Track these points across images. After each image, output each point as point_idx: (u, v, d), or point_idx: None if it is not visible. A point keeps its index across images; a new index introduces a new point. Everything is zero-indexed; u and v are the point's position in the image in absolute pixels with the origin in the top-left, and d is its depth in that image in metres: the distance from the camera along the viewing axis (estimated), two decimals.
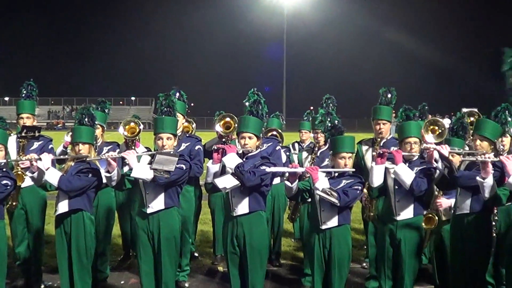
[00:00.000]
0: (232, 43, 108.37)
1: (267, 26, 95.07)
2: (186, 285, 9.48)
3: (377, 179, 7.36)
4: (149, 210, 7.53)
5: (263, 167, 7.22)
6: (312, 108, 9.90)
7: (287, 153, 10.38)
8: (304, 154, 10.01)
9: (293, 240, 12.50)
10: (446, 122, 11.85)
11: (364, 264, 10.47)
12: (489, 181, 6.69)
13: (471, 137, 7.58)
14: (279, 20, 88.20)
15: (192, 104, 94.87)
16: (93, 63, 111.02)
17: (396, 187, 7.41)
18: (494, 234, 8.26)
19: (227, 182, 7.20)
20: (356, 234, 12.83)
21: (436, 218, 8.33)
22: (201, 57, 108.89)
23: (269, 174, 7.28)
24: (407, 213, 7.46)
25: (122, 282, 9.72)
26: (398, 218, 7.46)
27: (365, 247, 10.00)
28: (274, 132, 10.67)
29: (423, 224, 8.29)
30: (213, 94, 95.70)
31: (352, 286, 9.65)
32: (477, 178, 6.77)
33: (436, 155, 7.53)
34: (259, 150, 7.59)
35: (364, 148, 9.07)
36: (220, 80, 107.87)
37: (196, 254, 11.22)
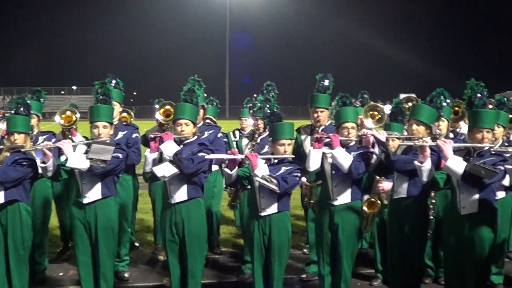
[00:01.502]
0: (175, 31, 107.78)
1: (210, 15, 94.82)
2: (126, 275, 9.38)
3: (313, 163, 7.35)
4: (85, 200, 7.42)
5: (202, 154, 7.18)
6: (255, 96, 9.88)
7: (225, 139, 10.32)
8: (244, 141, 10.01)
9: (234, 227, 12.51)
10: (387, 108, 11.92)
11: (305, 250, 10.55)
12: (427, 165, 6.74)
13: (408, 122, 7.62)
14: (222, 8, 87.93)
15: (134, 93, 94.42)
16: (33, 52, 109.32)
17: (333, 172, 7.42)
18: (432, 217, 8.38)
19: (165, 170, 7.15)
20: (297, 221, 12.92)
21: (379, 202, 8.43)
22: (145, 46, 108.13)
23: (207, 161, 7.24)
24: (344, 198, 7.47)
25: (61, 274, 9.59)
26: (336, 203, 7.47)
27: (306, 233, 10.02)
28: (208, 121, 10.55)
29: (366, 208, 8.38)
30: (156, 83, 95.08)
31: (293, 271, 9.71)
32: (415, 162, 6.82)
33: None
34: (195, 137, 7.53)
35: (303, 135, 9.06)
36: (163, 69, 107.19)
37: (136, 244, 11.16)
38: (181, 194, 7.34)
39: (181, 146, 7.38)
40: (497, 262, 9.02)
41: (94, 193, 7.40)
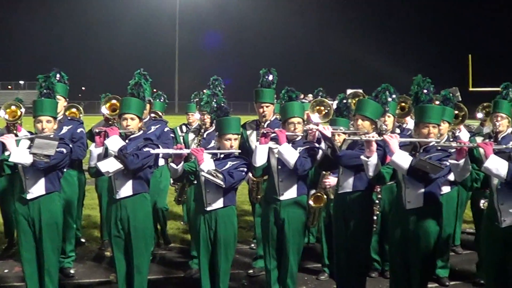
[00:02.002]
0: (125, 26, 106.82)
1: (160, 10, 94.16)
2: (72, 271, 9.28)
3: (260, 159, 7.34)
4: (29, 196, 7.31)
5: (147, 149, 7.12)
6: (205, 91, 9.86)
7: (172, 135, 10.25)
8: (191, 135, 9.96)
9: (181, 223, 12.48)
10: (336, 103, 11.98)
11: (253, 245, 10.57)
12: (373, 160, 6.78)
13: (353, 117, 7.65)
14: (172, 3, 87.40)
15: (83, 88, 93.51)
16: None
17: (279, 167, 7.42)
18: (378, 212, 8.44)
19: (110, 165, 7.06)
20: (245, 216, 12.94)
21: (325, 197, 8.46)
22: (95, 41, 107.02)
23: (152, 156, 7.18)
24: (290, 193, 7.48)
25: (6, 270, 9.45)
26: (282, 197, 7.48)
27: (253, 228, 10.03)
28: (153, 115, 10.47)
29: (312, 203, 8.40)
30: (106, 78, 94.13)
31: (241, 266, 9.75)
32: (362, 157, 6.85)
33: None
34: (141, 131, 7.47)
35: (249, 130, 9.05)
36: (113, 64, 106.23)
37: (83, 240, 11.04)
38: (126, 189, 7.27)
39: (127, 141, 7.31)
40: (443, 256, 9.14)
41: (37, 189, 7.29)
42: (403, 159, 6.62)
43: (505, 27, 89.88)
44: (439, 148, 6.83)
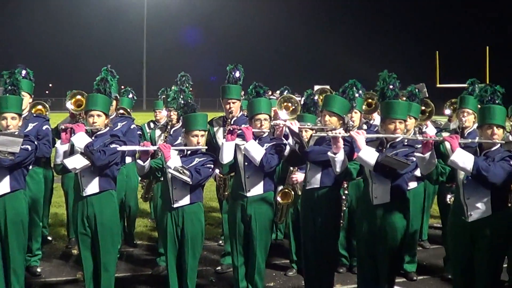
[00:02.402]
0: (93, 23, 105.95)
1: (128, 8, 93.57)
2: (38, 270, 9.18)
3: (227, 156, 7.32)
4: None
5: (113, 146, 7.07)
6: (173, 87, 9.81)
7: (139, 132, 10.20)
8: (157, 132, 9.94)
9: (149, 220, 12.42)
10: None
11: (220, 242, 10.56)
12: (340, 156, 6.80)
13: (321, 113, 7.66)
14: (140, 1, 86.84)
15: (50, 85, 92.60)
16: None
17: (246, 163, 7.41)
18: (345, 208, 8.47)
19: (76, 162, 7.01)
20: (213, 213, 12.92)
21: (292, 193, 8.46)
22: (63, 38, 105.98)
23: (119, 153, 7.14)
24: (257, 189, 7.47)
25: None
26: (248, 194, 7.46)
27: (221, 225, 10.01)
28: (121, 111, 10.39)
29: (280, 199, 8.41)
30: (74, 75, 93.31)
31: (209, 263, 9.76)
32: (328, 153, 6.86)
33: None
34: (108, 128, 7.42)
35: (216, 127, 9.03)
36: (81, 61, 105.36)
37: (49, 238, 10.94)
38: (92, 187, 7.22)
39: (93, 137, 7.26)
40: (410, 251, 9.20)
41: (2, 187, 7.19)
42: (369, 155, 6.65)
43: (472, 24, 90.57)
44: (406, 143, 6.86)
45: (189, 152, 7.33)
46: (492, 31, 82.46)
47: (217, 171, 7.89)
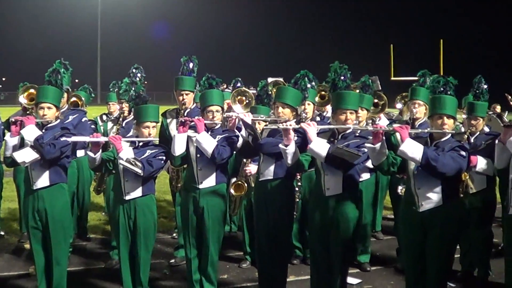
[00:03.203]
0: (48, 17, 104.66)
1: (82, 2, 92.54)
2: None
3: (179, 148, 7.28)
4: None
5: (63, 139, 6.99)
6: (125, 79, 9.71)
7: (92, 126, 10.09)
8: (109, 124, 9.89)
9: (103, 213, 12.33)
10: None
11: (174, 235, 10.54)
12: (291, 148, 6.80)
13: (274, 105, 7.66)
14: None
15: (3, 79, 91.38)
16: None
17: (198, 155, 7.37)
18: (298, 200, 8.49)
19: (26, 155, 6.93)
20: (168, 205, 12.87)
21: (246, 185, 8.46)
22: (16, 31, 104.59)
23: (69, 146, 7.06)
24: (209, 181, 7.44)
25: None
26: (201, 186, 7.43)
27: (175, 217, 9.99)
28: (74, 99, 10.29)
29: (233, 191, 8.40)
30: (27, 69, 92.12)
31: (162, 256, 9.75)
32: (280, 145, 6.86)
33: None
34: (58, 120, 7.33)
35: (169, 118, 8.98)
36: (34, 54, 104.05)
37: (1, 233, 10.86)
38: (43, 180, 7.15)
39: (43, 130, 7.19)
40: (363, 242, 9.27)
41: None
42: (320, 147, 6.66)
43: (426, 17, 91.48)
44: (357, 135, 6.89)
45: (140, 143, 7.29)
46: (447, 24, 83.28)
47: (169, 162, 7.83)
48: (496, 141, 6.13)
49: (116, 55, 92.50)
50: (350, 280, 8.44)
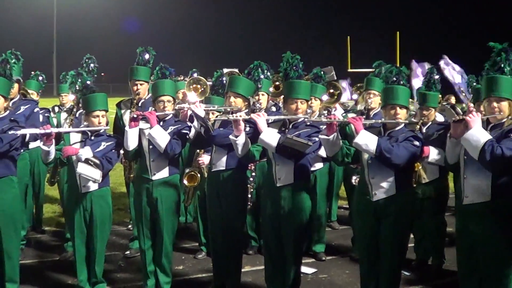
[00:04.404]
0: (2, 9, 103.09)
1: None
2: None
3: (131, 143, 7.24)
4: None
5: (12, 132, 6.84)
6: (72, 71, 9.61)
7: (46, 115, 9.94)
8: (63, 115, 9.77)
9: (58, 205, 12.21)
10: None
11: (129, 226, 10.49)
12: (241, 139, 6.77)
13: (226, 94, 7.62)
14: None
15: None
16: None
17: (151, 147, 7.31)
18: (252, 190, 8.48)
19: None
20: (123, 197, 12.79)
21: (199, 175, 8.42)
22: None
23: (19, 138, 6.91)
24: (162, 173, 7.40)
25: None
26: (154, 177, 7.39)
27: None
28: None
29: (186, 182, 8.36)
30: None
31: (117, 248, 9.74)
32: (230, 136, 6.83)
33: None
34: (8, 111, 7.21)
35: (123, 109, 8.92)
36: None
37: None
38: None
39: None
40: (318, 231, 9.30)
41: None
42: (271, 137, 6.66)
43: (382, 10, 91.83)
44: (308, 124, 6.90)
45: (93, 137, 7.24)
46: (403, 15, 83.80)
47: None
48: (448, 137, 6.15)
49: (72, 46, 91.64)
50: (305, 269, 8.49)
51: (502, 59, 5.85)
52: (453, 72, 9.47)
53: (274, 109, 9.59)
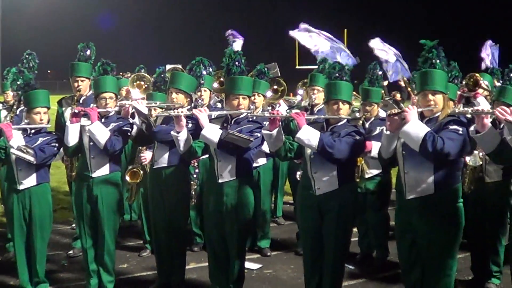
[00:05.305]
0: None
1: None
2: None
3: (72, 138, 7.15)
4: None
5: None
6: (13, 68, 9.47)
7: None
8: (4, 112, 9.64)
9: (1, 205, 12.00)
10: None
11: (73, 225, 10.34)
12: (182, 135, 6.73)
13: (168, 90, 7.58)
14: None
15: None
16: None
17: (91, 143, 7.22)
18: (196, 186, 8.45)
19: None
20: (68, 196, 12.62)
21: (141, 172, 8.36)
22: None
23: None
24: (103, 170, 7.31)
25: None
26: (94, 175, 7.30)
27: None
28: None
29: (129, 179, 8.29)
30: None
31: (61, 247, 9.59)
32: (172, 132, 6.79)
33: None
34: None
35: (64, 106, 8.82)
36: None
37: None
38: None
39: None
40: (263, 227, 9.31)
41: None
42: (212, 132, 6.64)
43: (330, 7, 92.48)
44: (251, 119, 6.90)
45: (33, 131, 7.15)
46: (350, 13, 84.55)
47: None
48: (384, 130, 6.17)
49: (18, 43, 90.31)
50: (250, 265, 8.51)
51: (433, 55, 5.92)
52: (388, 50, 9.45)
53: (219, 105, 9.58)
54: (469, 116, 5.77)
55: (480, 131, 5.43)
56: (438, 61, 5.91)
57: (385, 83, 12.29)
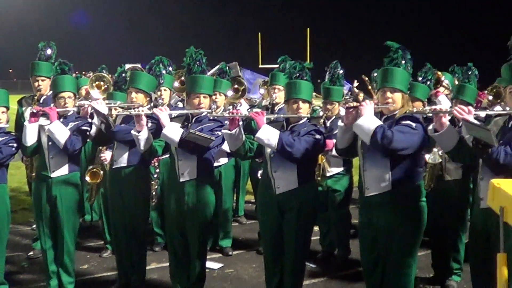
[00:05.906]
0: None
1: None
2: None
3: (30, 138, 7.09)
4: None
5: None
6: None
7: None
8: None
9: None
10: None
11: (34, 226, 10.24)
12: (143, 134, 6.71)
13: (127, 90, 7.55)
14: None
15: None
16: None
17: (50, 143, 7.16)
18: (157, 186, 8.43)
19: None
20: (28, 196, 12.53)
21: (101, 172, 8.31)
22: None
23: None
24: (62, 170, 7.25)
25: None
26: (53, 175, 7.24)
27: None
28: None
29: (89, 179, 8.25)
30: None
31: (21, 248, 9.53)
32: (132, 132, 6.77)
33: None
34: None
35: (24, 106, 8.75)
36: None
37: None
38: None
39: None
40: (224, 226, 9.33)
41: None
42: (173, 132, 6.63)
43: (292, 7, 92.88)
44: (212, 118, 6.89)
45: None
46: (313, 13, 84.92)
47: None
48: (339, 122, 6.23)
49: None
50: (212, 265, 8.51)
51: (398, 56, 5.97)
52: None
53: (180, 104, 9.56)
54: (429, 115, 5.84)
55: (438, 130, 5.50)
56: (403, 61, 5.95)
57: (355, 83, 12.40)
